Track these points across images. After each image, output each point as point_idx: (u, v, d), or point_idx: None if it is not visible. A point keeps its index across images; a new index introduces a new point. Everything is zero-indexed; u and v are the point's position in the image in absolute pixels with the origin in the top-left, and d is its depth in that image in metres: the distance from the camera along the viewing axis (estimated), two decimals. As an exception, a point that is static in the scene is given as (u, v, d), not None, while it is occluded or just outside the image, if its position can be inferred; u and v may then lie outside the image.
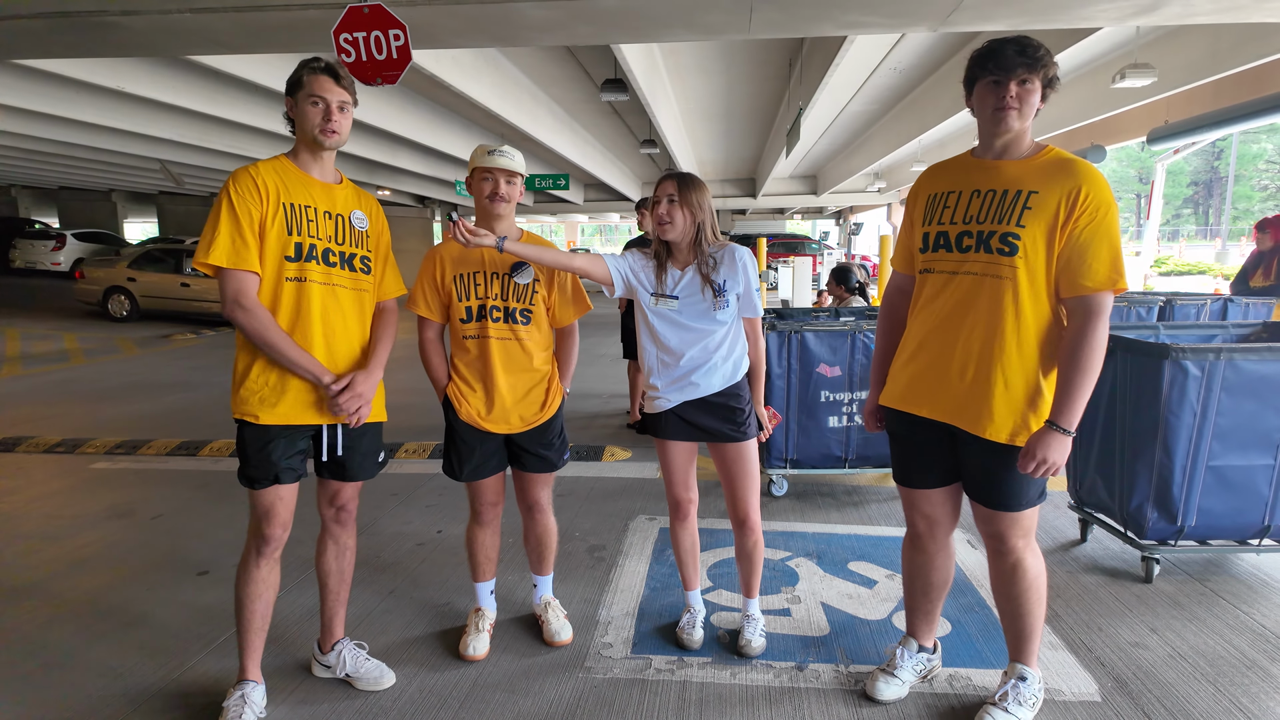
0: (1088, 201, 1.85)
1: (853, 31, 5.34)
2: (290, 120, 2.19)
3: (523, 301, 2.45)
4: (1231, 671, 2.45)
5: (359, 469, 2.32)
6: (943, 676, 2.42)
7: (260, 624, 2.22)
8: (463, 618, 2.82)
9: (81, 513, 3.98)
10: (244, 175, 2.08)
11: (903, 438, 2.20)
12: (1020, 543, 2.07)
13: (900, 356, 2.18)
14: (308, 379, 2.12)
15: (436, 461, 4.88)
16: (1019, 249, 1.88)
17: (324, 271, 2.15)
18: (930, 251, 2.05)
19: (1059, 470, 1.90)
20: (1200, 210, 55.60)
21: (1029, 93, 1.90)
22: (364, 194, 2.33)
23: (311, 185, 2.18)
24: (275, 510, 2.17)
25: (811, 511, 3.95)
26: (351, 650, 2.43)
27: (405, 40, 4.56)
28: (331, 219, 2.19)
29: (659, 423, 2.49)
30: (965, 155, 2.08)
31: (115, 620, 2.82)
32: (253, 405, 2.11)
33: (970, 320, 1.96)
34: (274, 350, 2.07)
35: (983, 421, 1.97)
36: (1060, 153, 1.94)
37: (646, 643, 2.65)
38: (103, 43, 5.36)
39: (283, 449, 2.14)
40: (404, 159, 15.42)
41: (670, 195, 2.36)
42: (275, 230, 2.08)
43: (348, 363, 2.22)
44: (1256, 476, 2.94)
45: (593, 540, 3.58)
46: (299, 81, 2.12)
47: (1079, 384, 1.86)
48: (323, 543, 2.40)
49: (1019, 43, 1.88)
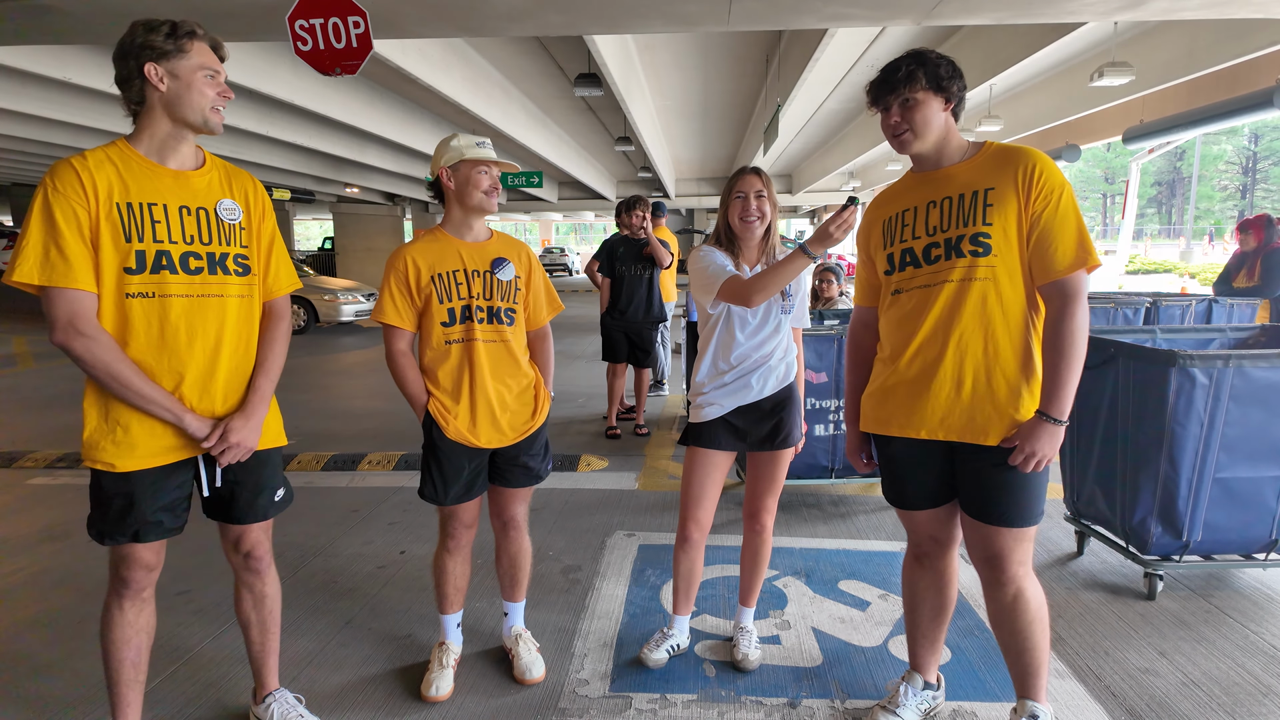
0: (1041, 181, 1.79)
1: (835, 24, 5.17)
2: (129, 93, 1.76)
3: (507, 300, 2.26)
4: (1248, 700, 2.30)
5: (247, 509, 1.95)
6: (946, 712, 2.25)
7: (132, 674, 1.92)
8: (425, 651, 2.59)
9: (11, 535, 3.67)
10: (66, 171, 1.68)
11: (896, 463, 2.04)
12: (1020, 570, 1.91)
13: (879, 380, 2.04)
14: (165, 419, 1.77)
15: (401, 474, 4.62)
16: (992, 247, 1.82)
17: (186, 282, 1.78)
18: (898, 271, 1.97)
19: (1048, 463, 1.81)
20: (1164, 210, 56.85)
21: (916, 107, 1.85)
22: (237, 174, 1.95)
23: (160, 176, 1.78)
24: (133, 558, 1.85)
25: (798, 525, 3.77)
26: (283, 704, 2.14)
27: (366, 28, 4.31)
28: (191, 215, 1.80)
29: (704, 432, 2.35)
30: (907, 175, 2.04)
31: (32, 661, 2.54)
32: (107, 452, 1.76)
33: (959, 330, 1.85)
34: (124, 385, 1.71)
35: (991, 431, 1.85)
36: (1000, 144, 1.90)
37: (626, 678, 2.44)
38: (42, 31, 5.03)
39: (151, 498, 1.80)
40: (372, 155, 15.04)
41: (759, 190, 2.31)
42: (109, 238, 1.70)
43: (234, 388, 1.89)
44: (1264, 488, 2.80)
45: (567, 560, 3.36)
46: (178, 50, 1.73)
47: (1066, 371, 1.78)
48: (237, 591, 2.09)
49: (892, 65, 1.87)
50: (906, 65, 1.83)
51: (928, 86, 1.82)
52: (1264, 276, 5.39)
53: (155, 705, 2.29)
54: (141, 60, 1.73)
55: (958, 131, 1.93)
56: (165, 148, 1.81)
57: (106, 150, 1.76)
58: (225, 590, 2.98)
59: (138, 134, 1.80)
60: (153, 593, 1.95)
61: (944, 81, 1.83)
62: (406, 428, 5.80)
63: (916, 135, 1.87)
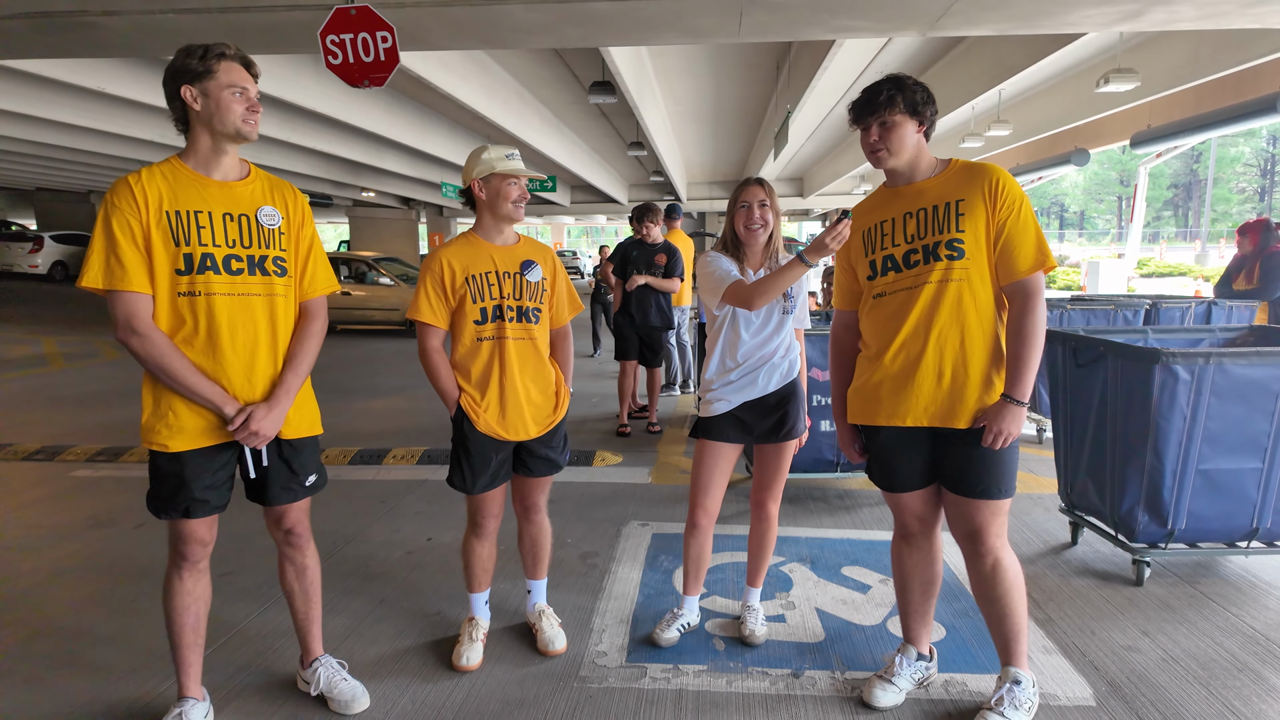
0: (1004, 193, 2.01)
1: (842, 35, 5.35)
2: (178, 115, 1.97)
3: (534, 300, 2.46)
4: (1223, 674, 2.46)
5: (281, 492, 2.14)
6: (939, 682, 2.42)
7: (192, 638, 2.14)
8: (455, 627, 2.79)
9: (61, 522, 3.91)
10: (121, 186, 1.91)
11: (885, 450, 2.23)
12: (997, 542, 2.12)
13: (864, 376, 2.24)
14: (210, 409, 1.98)
15: (424, 468, 4.83)
16: (965, 251, 2.03)
17: (228, 281, 1.98)
18: (880, 276, 2.16)
19: (1012, 439, 2.03)
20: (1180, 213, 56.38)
21: (893, 129, 2.06)
22: (279, 184, 2.14)
23: (207, 186, 1.99)
24: (189, 533, 2.06)
25: (804, 516, 3.95)
26: (329, 668, 2.34)
27: (394, 42, 4.53)
28: (234, 221, 2.00)
29: (713, 425, 2.54)
30: (881, 189, 2.24)
31: (93, 634, 2.76)
32: (161, 434, 1.97)
33: (938, 326, 2.06)
34: (173, 377, 1.92)
35: (965, 414, 2.06)
36: (965, 161, 2.11)
37: (641, 650, 2.63)
38: (83, 43, 5.28)
39: (199, 477, 2.01)
40: (390, 160, 15.33)
41: (762, 200, 2.49)
42: (160, 243, 1.92)
43: (271, 379, 2.07)
44: (1245, 480, 2.96)
45: (585, 547, 3.55)
46: (206, 71, 1.92)
47: (1026, 359, 2.00)
48: (281, 565, 2.30)
49: (873, 89, 2.06)
50: (886, 90, 2.04)
51: (904, 110, 2.03)
52: (1262, 279, 5.51)
53: (207, 673, 2.49)
54: (179, 83, 1.94)
55: (928, 150, 2.14)
56: (209, 160, 2.01)
57: (160, 166, 1.98)
58: (265, 572, 3.20)
59: (187, 150, 2.01)
60: (207, 565, 2.16)
61: (919, 106, 2.05)
62: (428, 424, 6.03)
63: (891, 154, 2.08)
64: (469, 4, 4.59)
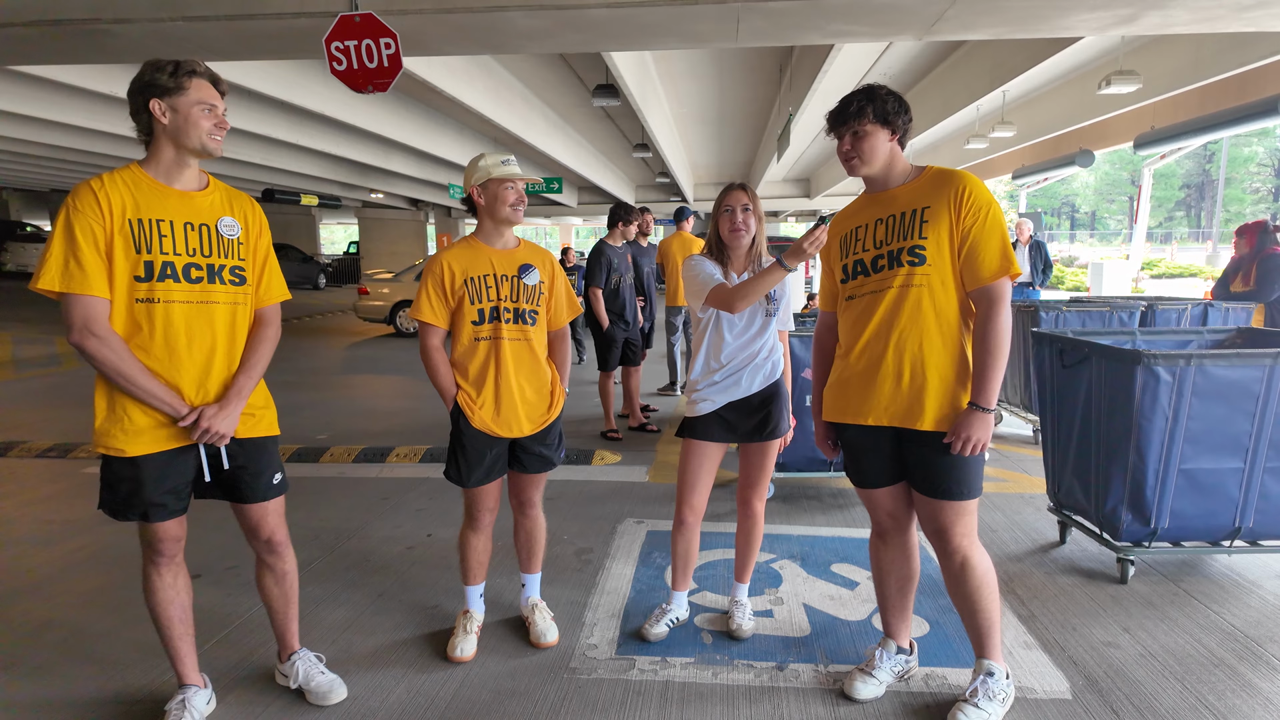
0: (970, 201, 2.04)
1: (838, 40, 5.41)
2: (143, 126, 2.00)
3: (531, 302, 2.53)
4: (1199, 670, 2.52)
5: (252, 489, 2.17)
6: (919, 676, 2.48)
7: (181, 629, 2.19)
8: (451, 620, 2.87)
9: (73, 518, 4.02)
10: (85, 191, 1.92)
11: (853, 446, 2.30)
12: (964, 540, 2.16)
13: (835, 374, 2.31)
14: (164, 410, 2.00)
15: (426, 466, 4.92)
16: (926, 258, 2.08)
17: (187, 289, 2.01)
18: (851, 280, 2.23)
19: (983, 446, 2.05)
20: (1192, 213, 55.92)
21: (864, 138, 2.12)
22: (238, 196, 2.18)
23: (167, 196, 2.01)
24: (160, 532, 2.09)
25: (797, 514, 4.01)
26: (306, 662, 2.40)
27: (396, 49, 4.62)
28: (194, 230, 2.03)
29: (699, 425, 2.60)
30: (861, 196, 2.30)
31: (102, 625, 2.86)
32: (117, 439, 1.98)
33: (898, 329, 2.12)
34: (129, 380, 1.94)
35: (926, 417, 2.11)
36: (938, 168, 2.15)
37: (631, 644, 2.70)
38: (96, 50, 5.39)
39: (156, 481, 2.02)
40: (397, 162, 15.46)
41: (745, 204, 2.55)
42: (121, 250, 1.94)
43: (224, 385, 2.10)
44: (1227, 479, 3.01)
45: (580, 543, 3.63)
46: (178, 87, 1.96)
47: (992, 366, 2.04)
48: (259, 573, 2.33)
49: (845, 100, 2.14)
50: (858, 101, 2.11)
51: (875, 120, 2.10)
52: (1259, 281, 5.53)
53: (210, 664, 2.59)
54: (147, 96, 1.96)
55: (903, 158, 2.20)
56: (172, 171, 2.04)
57: (121, 173, 2.00)
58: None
59: (148, 159, 2.04)
60: (183, 558, 2.21)
61: (890, 116, 2.11)
62: (431, 424, 6.12)
63: (864, 162, 2.15)
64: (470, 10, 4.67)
